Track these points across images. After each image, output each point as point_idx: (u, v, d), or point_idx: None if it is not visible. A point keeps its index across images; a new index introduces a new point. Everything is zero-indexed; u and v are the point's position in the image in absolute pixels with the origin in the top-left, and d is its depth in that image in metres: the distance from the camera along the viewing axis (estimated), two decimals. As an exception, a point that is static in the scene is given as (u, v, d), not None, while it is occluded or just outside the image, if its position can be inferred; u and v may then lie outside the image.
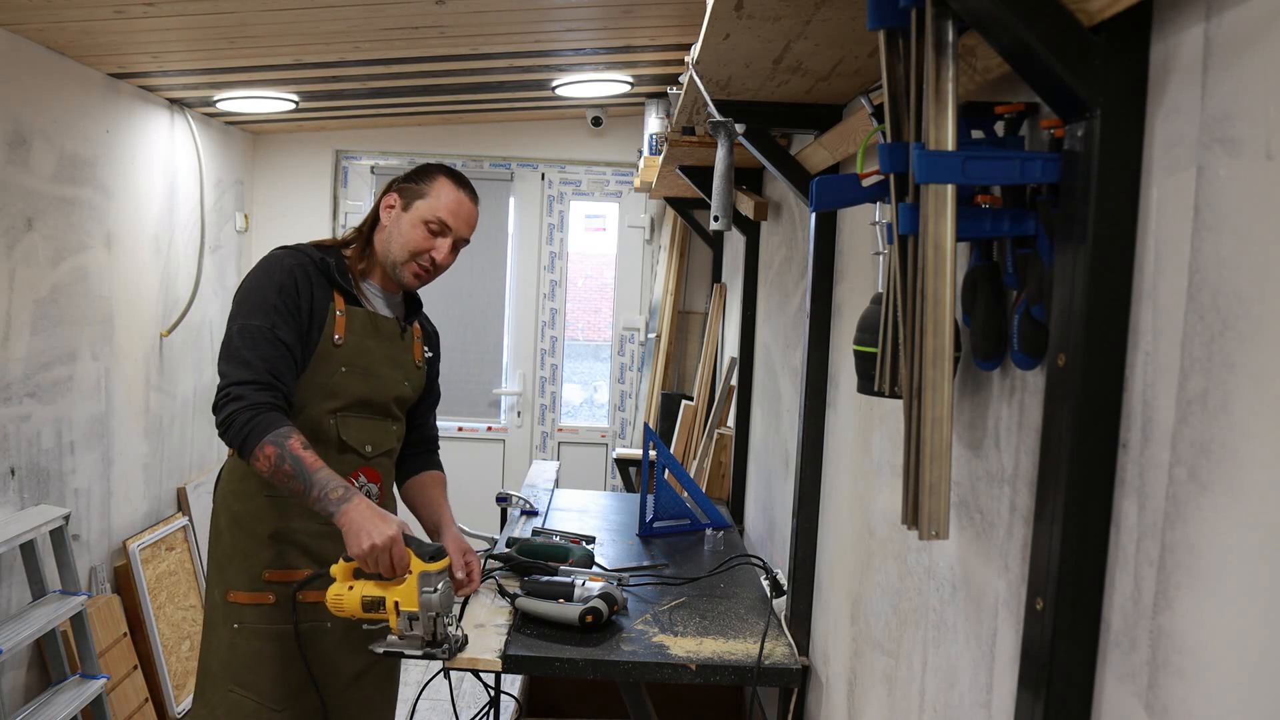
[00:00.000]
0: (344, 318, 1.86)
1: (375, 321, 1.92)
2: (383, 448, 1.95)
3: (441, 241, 1.90)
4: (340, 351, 1.85)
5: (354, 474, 1.89)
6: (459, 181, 1.93)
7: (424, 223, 1.88)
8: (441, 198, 1.89)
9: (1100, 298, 0.83)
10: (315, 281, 1.83)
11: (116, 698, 2.96)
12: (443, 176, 1.91)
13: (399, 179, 1.95)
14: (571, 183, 4.69)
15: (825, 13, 1.32)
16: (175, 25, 2.58)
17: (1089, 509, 0.86)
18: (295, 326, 1.78)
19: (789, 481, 2.28)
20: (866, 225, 1.72)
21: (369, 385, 1.89)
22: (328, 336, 1.83)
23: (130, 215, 3.33)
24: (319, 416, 1.84)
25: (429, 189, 1.89)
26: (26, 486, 2.77)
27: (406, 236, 1.89)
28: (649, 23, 2.76)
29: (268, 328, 1.75)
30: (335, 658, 1.90)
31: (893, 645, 1.48)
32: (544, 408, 4.76)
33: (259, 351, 1.73)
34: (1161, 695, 0.77)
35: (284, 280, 1.79)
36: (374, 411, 1.92)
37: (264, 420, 1.69)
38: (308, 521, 1.85)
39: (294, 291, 1.79)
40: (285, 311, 1.77)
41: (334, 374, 1.84)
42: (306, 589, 1.84)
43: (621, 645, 1.94)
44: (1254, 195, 0.70)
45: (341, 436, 1.87)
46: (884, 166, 0.99)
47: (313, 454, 1.69)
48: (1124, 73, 0.82)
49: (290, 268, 1.81)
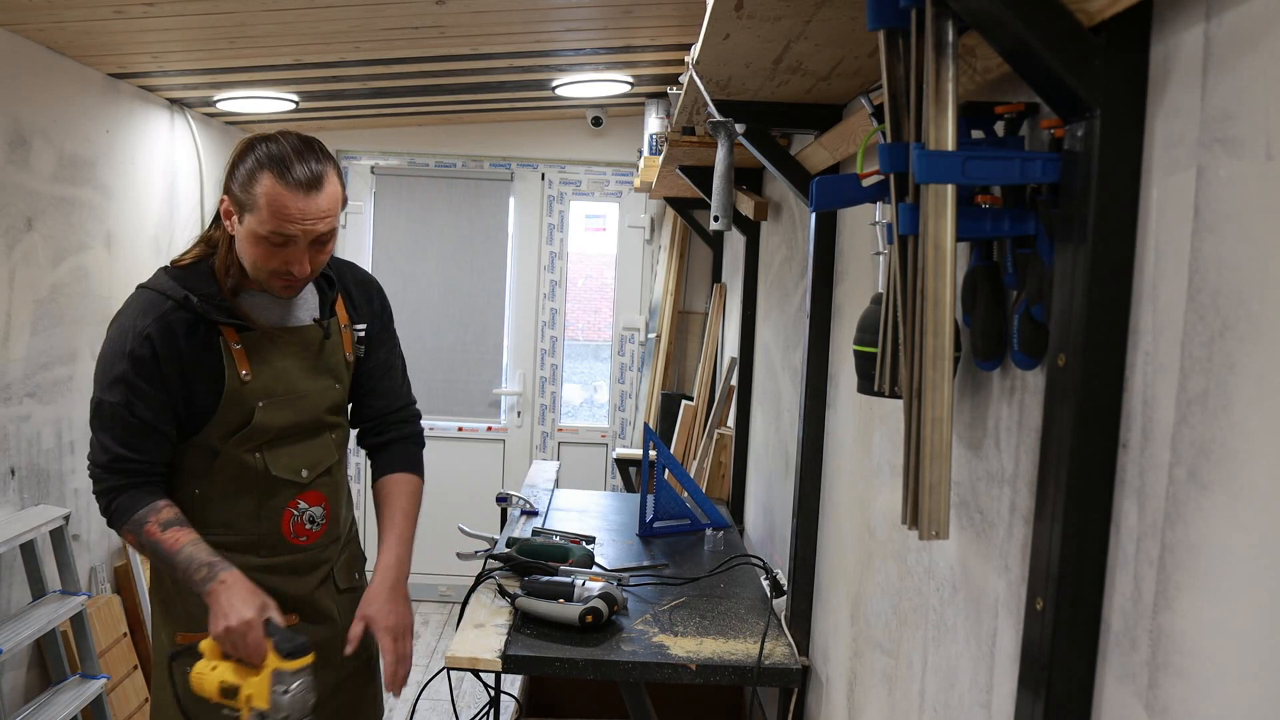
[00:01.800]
0: (243, 349, 1.64)
1: (282, 338, 1.70)
2: (322, 466, 1.77)
3: (290, 251, 1.58)
4: (253, 386, 1.65)
5: (292, 503, 1.73)
6: (282, 173, 1.54)
7: (260, 239, 1.57)
8: (267, 205, 1.54)
9: (1100, 298, 0.83)
10: (184, 333, 1.61)
11: (116, 698, 2.96)
12: (264, 174, 1.54)
13: (230, 176, 1.61)
14: (571, 183, 4.69)
15: (825, 13, 1.32)
16: (175, 25, 2.58)
17: (1089, 509, 0.86)
18: (156, 401, 1.61)
19: (789, 481, 2.28)
20: (866, 225, 1.72)
21: (294, 409, 1.70)
22: (232, 378, 1.63)
23: (130, 215, 3.33)
24: (240, 455, 1.67)
25: (252, 196, 1.55)
26: (26, 486, 2.77)
27: (252, 256, 1.60)
28: (649, 23, 2.76)
29: (122, 405, 1.60)
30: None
31: (893, 645, 1.48)
32: (544, 408, 4.76)
33: (112, 432, 1.61)
34: (1161, 695, 0.77)
35: (138, 350, 1.59)
36: (304, 434, 1.74)
37: (119, 505, 1.62)
38: (245, 557, 1.69)
39: (150, 360, 1.59)
40: (141, 386, 1.59)
41: (250, 413, 1.65)
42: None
43: (621, 645, 1.94)
44: (1254, 195, 0.70)
45: (271, 471, 1.70)
46: (884, 166, 0.99)
47: (174, 532, 1.58)
48: (1124, 73, 0.82)
49: (142, 331, 1.59)
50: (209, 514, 1.69)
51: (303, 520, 1.75)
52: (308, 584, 1.77)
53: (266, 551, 1.72)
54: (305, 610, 1.77)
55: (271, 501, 1.71)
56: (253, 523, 1.71)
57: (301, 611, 1.76)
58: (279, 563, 1.73)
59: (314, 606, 1.78)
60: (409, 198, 4.67)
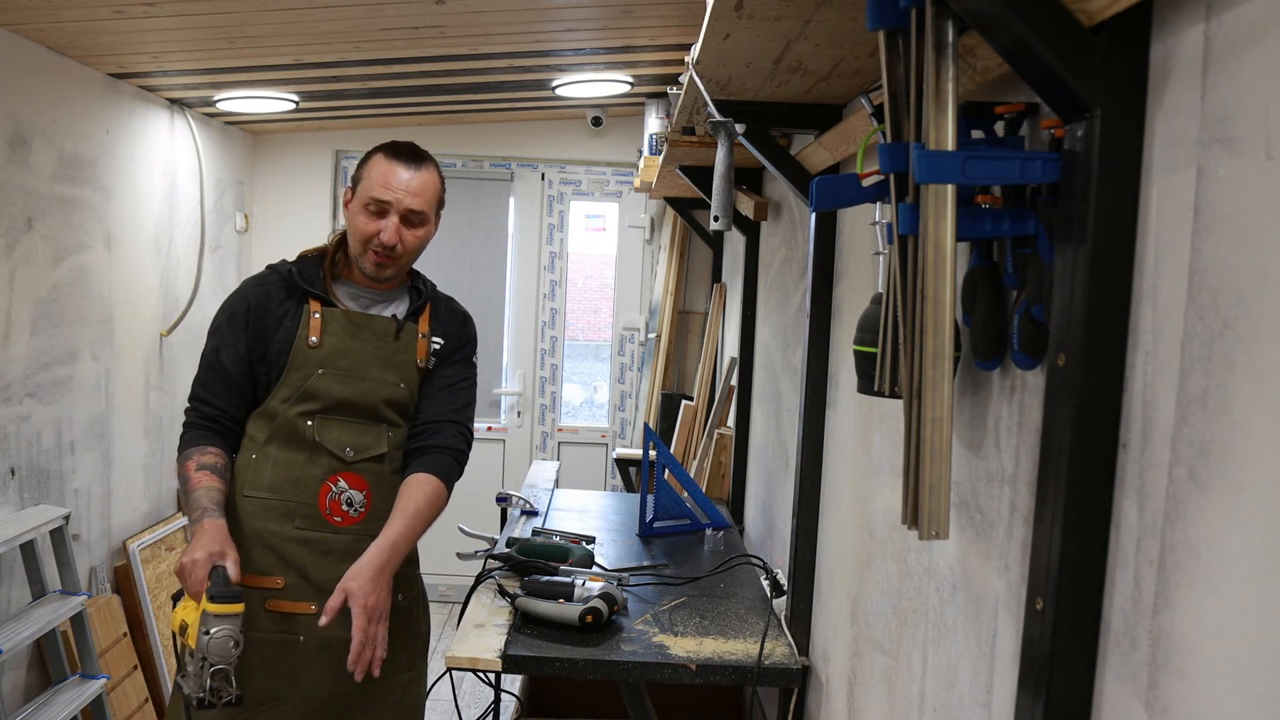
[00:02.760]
0: (320, 320, 1.83)
1: (357, 321, 1.86)
2: (370, 453, 1.84)
3: (386, 222, 1.80)
4: (317, 353, 1.82)
5: (332, 478, 1.81)
6: (392, 152, 1.84)
7: (364, 208, 1.82)
8: (373, 176, 1.82)
9: (1100, 298, 0.83)
10: (274, 296, 1.85)
11: (116, 698, 2.96)
12: (376, 154, 1.85)
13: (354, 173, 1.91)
14: (571, 183, 4.69)
15: (825, 13, 1.32)
16: (175, 25, 2.58)
17: (1089, 509, 0.86)
18: (237, 350, 1.83)
19: (789, 481, 2.28)
20: (866, 225, 1.72)
21: (351, 387, 1.83)
22: (302, 339, 1.82)
23: (130, 215, 3.33)
24: (294, 419, 1.81)
25: (364, 171, 1.84)
26: (26, 486, 2.77)
27: (355, 226, 1.83)
28: (649, 23, 2.76)
29: (213, 350, 1.85)
30: (307, 674, 1.80)
31: (893, 645, 1.48)
32: (544, 408, 4.76)
33: (200, 374, 1.86)
34: (1161, 695, 0.77)
35: (235, 305, 1.86)
36: (359, 414, 1.84)
37: (185, 438, 1.82)
38: (283, 525, 1.80)
39: (243, 313, 1.84)
40: (230, 335, 1.84)
41: (309, 376, 1.81)
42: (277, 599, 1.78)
43: (621, 645, 1.94)
44: (1254, 195, 0.70)
45: (317, 439, 1.81)
46: (884, 166, 0.99)
47: (203, 474, 1.74)
48: (1124, 73, 0.82)
49: (244, 292, 1.87)
50: (261, 476, 1.82)
51: (340, 499, 1.83)
52: (335, 571, 1.76)
53: (303, 523, 1.81)
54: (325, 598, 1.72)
55: (312, 470, 1.82)
56: (293, 488, 1.81)
57: (321, 599, 1.74)
58: (315, 538, 1.81)
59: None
60: (409, 198, 4.66)
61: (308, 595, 1.79)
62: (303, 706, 1.81)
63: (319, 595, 1.77)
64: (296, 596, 1.79)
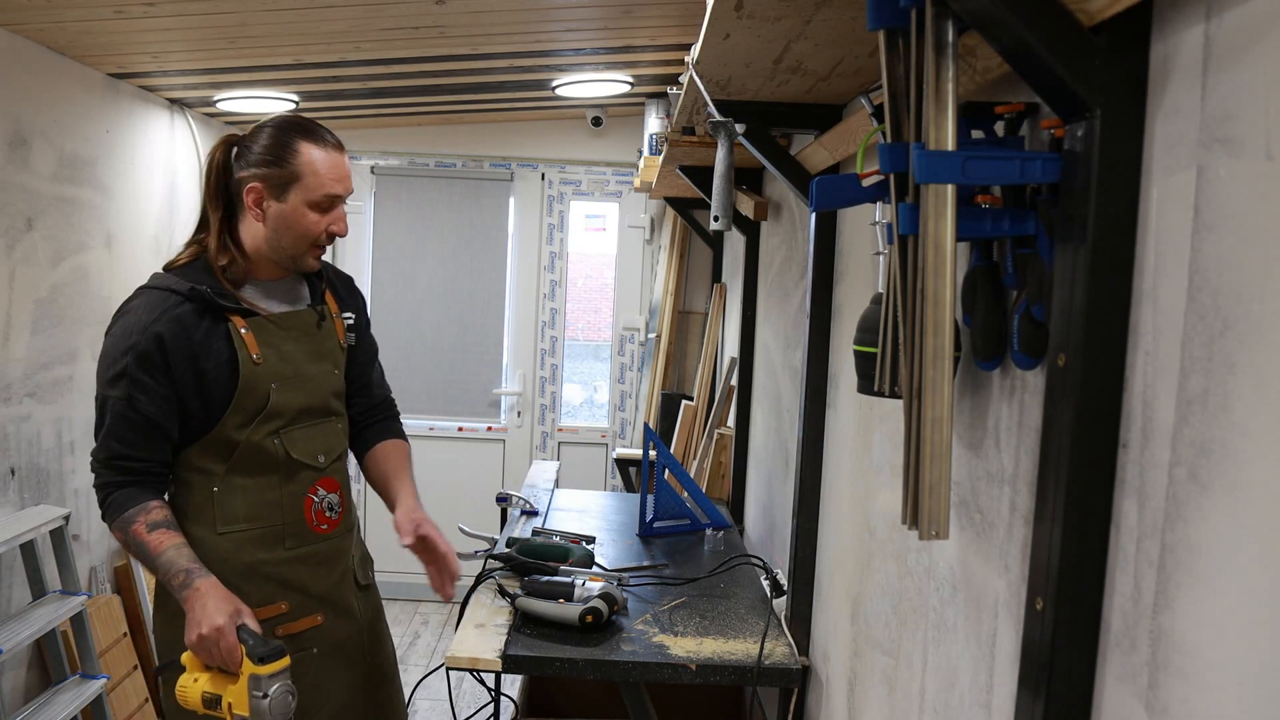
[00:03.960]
0: (251, 334, 1.69)
1: (284, 324, 1.75)
2: (335, 452, 1.83)
3: (336, 213, 1.72)
4: (264, 370, 1.70)
5: (312, 489, 1.77)
6: (317, 138, 1.69)
7: (309, 206, 1.68)
8: (318, 170, 1.67)
9: (1100, 298, 0.83)
10: (187, 323, 1.64)
11: (116, 698, 2.96)
12: (300, 142, 1.67)
13: (247, 161, 1.68)
14: (571, 183, 4.69)
15: (825, 13, 1.32)
16: (175, 25, 2.58)
17: (1089, 509, 0.86)
18: (159, 394, 1.63)
19: (789, 481, 2.28)
20: (866, 225, 1.72)
21: (304, 392, 1.76)
22: (245, 360, 1.67)
23: (130, 215, 3.33)
24: (261, 442, 1.71)
25: (297, 167, 1.66)
26: (26, 486, 2.77)
27: (299, 227, 1.69)
28: (649, 23, 2.76)
29: (124, 400, 1.63)
30: (328, 679, 1.80)
31: (893, 645, 1.48)
32: (544, 408, 4.76)
33: (113, 428, 1.64)
34: (1161, 695, 0.77)
35: (139, 345, 1.62)
36: (316, 416, 1.79)
37: (113, 501, 1.64)
38: (273, 552, 1.73)
39: (156, 352, 1.62)
40: (145, 381, 1.62)
41: (266, 395, 1.70)
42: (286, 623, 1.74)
43: (621, 645, 1.94)
44: (1254, 195, 0.70)
45: (290, 455, 1.74)
46: (884, 166, 0.99)
47: (159, 534, 1.60)
48: (1124, 73, 0.82)
49: (148, 326, 1.62)
50: (231, 509, 1.71)
51: (323, 507, 1.80)
52: (331, 577, 1.81)
53: (293, 542, 1.76)
54: (330, 606, 1.81)
55: (292, 488, 1.75)
56: (277, 512, 1.74)
57: (327, 608, 1.80)
58: (305, 553, 1.77)
59: (338, 602, 1.82)
60: (409, 198, 4.67)
61: (312, 609, 1.78)
62: (335, 705, 1.82)
63: (322, 605, 1.79)
64: (302, 614, 1.76)
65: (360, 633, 1.86)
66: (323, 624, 1.79)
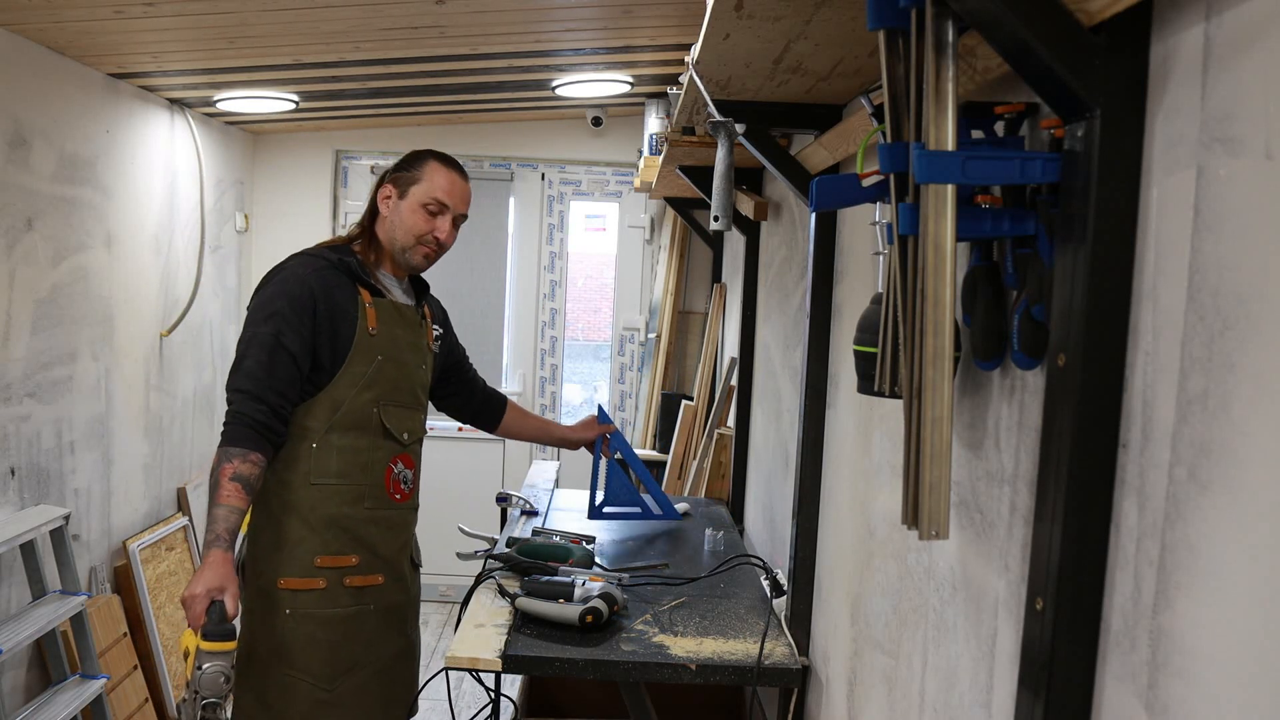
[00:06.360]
0: (374, 309, 1.96)
1: (399, 310, 2.02)
2: (417, 435, 2.07)
3: (442, 221, 2.02)
4: (376, 341, 1.95)
5: (393, 460, 2.00)
6: (448, 162, 2.05)
7: (422, 206, 1.99)
8: (435, 180, 2.00)
9: (1100, 298, 0.83)
10: (335, 283, 1.92)
11: (116, 698, 2.96)
12: (432, 160, 2.03)
13: (390, 170, 2.06)
14: (571, 183, 4.69)
15: (825, 13, 1.32)
16: (175, 25, 2.58)
17: (1089, 509, 0.85)
18: (304, 335, 1.86)
19: (789, 481, 2.28)
20: (866, 225, 1.72)
21: (401, 373, 2.00)
22: (362, 328, 1.92)
23: (130, 215, 3.33)
24: (363, 406, 1.93)
25: (421, 174, 2.01)
26: (26, 486, 2.77)
27: (409, 222, 2.00)
28: (649, 23, 2.76)
29: (272, 334, 1.84)
30: (377, 638, 2.00)
31: (893, 645, 1.48)
32: (544, 408, 4.76)
33: (258, 358, 1.83)
34: (1161, 695, 0.77)
35: (296, 291, 1.87)
36: (406, 399, 2.02)
37: (231, 432, 1.80)
38: (354, 508, 1.94)
39: (308, 300, 1.87)
40: (294, 320, 1.85)
41: (372, 363, 1.94)
42: (353, 575, 1.95)
43: (621, 645, 1.94)
44: (1254, 195, 0.70)
45: (385, 424, 1.97)
46: (884, 166, 0.99)
47: (233, 486, 1.75)
48: (1124, 73, 0.82)
49: (303, 277, 1.89)
50: (327, 464, 1.92)
51: (399, 479, 2.03)
52: (396, 544, 2.03)
53: (371, 503, 1.97)
54: (390, 569, 2.02)
55: (378, 454, 1.97)
56: (363, 473, 1.95)
57: (388, 571, 2.01)
58: (380, 516, 1.98)
59: (397, 568, 2.04)
60: (409, 198, 4.66)
61: (377, 568, 1.98)
62: (377, 666, 2.01)
63: (386, 566, 2.00)
64: (368, 571, 1.96)
65: (408, 605, 2.08)
66: (383, 584, 1.99)
